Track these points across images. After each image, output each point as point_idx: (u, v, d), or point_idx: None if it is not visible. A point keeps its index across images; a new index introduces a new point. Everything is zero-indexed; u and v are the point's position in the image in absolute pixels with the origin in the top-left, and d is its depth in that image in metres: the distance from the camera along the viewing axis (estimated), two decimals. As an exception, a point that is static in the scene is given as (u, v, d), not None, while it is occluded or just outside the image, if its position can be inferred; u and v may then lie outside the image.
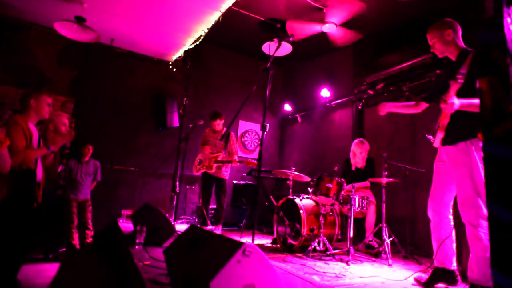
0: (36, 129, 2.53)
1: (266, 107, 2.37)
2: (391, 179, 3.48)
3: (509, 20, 0.76)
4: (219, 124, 4.63)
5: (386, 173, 3.55)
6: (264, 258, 1.53)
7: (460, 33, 2.37)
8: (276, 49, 2.46)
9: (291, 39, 2.46)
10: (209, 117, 4.62)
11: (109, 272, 2.97)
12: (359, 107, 4.98)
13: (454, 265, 2.36)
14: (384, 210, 3.47)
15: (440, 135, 2.38)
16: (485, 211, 2.05)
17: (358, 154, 4.11)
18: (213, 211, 4.88)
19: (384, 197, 3.50)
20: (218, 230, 4.34)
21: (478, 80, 0.79)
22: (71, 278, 3.38)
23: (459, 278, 2.34)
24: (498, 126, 0.71)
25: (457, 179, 2.25)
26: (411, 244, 3.68)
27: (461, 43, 2.36)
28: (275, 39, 2.45)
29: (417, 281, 2.47)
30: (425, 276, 2.43)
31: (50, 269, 3.53)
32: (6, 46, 4.59)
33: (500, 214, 0.70)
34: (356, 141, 4.17)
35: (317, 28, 4.07)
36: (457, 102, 2.08)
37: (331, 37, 4.19)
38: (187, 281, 1.63)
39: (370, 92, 4.71)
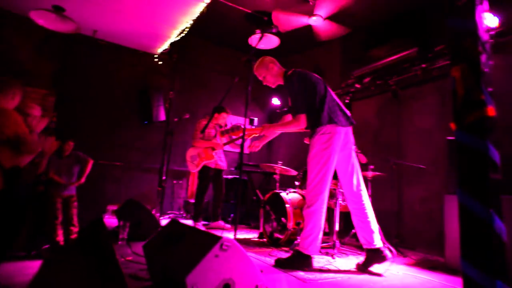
0: None
1: (248, 100, 2.34)
2: (377, 173, 3.50)
3: (481, 7, 0.74)
4: (224, 118, 4.60)
5: (372, 166, 3.56)
6: (242, 252, 1.51)
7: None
8: (259, 41, 2.44)
9: (274, 30, 2.43)
10: (216, 111, 4.52)
11: (91, 269, 2.92)
12: (346, 101, 4.98)
13: (375, 243, 2.50)
14: (370, 204, 3.48)
15: None
16: None
17: None
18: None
19: (370, 190, 3.51)
20: (220, 225, 4.35)
21: (451, 69, 0.77)
22: (52, 275, 3.31)
23: (385, 253, 2.48)
24: (470, 115, 0.69)
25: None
26: (397, 237, 3.71)
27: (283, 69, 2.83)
28: (257, 31, 2.41)
29: (357, 265, 2.59)
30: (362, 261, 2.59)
31: (32, 267, 3.44)
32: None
33: (471, 206, 0.69)
34: None
35: (303, 20, 4.01)
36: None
37: (317, 31, 4.15)
38: (165, 276, 1.60)
39: (357, 86, 4.71)
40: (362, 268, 2.54)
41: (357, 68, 4.69)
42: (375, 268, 2.55)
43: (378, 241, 2.52)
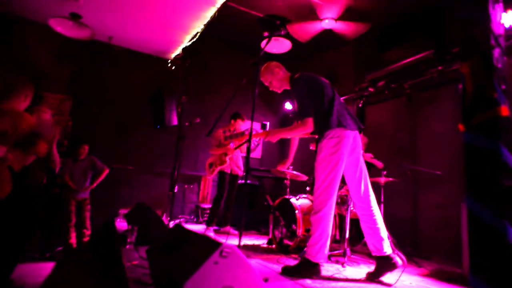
0: None
1: (254, 102, 2.31)
2: (390, 178, 3.38)
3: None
4: (240, 124, 4.63)
5: (385, 172, 3.44)
6: (243, 259, 1.46)
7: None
8: (266, 43, 2.41)
9: (282, 32, 2.39)
10: (232, 117, 4.63)
11: (99, 272, 2.93)
12: (360, 105, 4.88)
13: (385, 250, 2.42)
14: (382, 211, 3.37)
15: None
16: None
17: None
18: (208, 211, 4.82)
19: (382, 197, 3.39)
20: (227, 231, 4.34)
21: (459, 65, 0.70)
22: (63, 277, 3.34)
23: (395, 261, 2.39)
24: (480, 114, 0.63)
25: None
26: (411, 246, 3.57)
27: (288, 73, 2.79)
28: (265, 33, 2.38)
29: (368, 274, 2.49)
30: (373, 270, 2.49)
31: (46, 268, 3.48)
32: (2, 42, 4.58)
33: (481, 215, 0.62)
34: None
35: (317, 26, 3.96)
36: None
37: (338, 31, 4.04)
38: (166, 282, 1.56)
39: (371, 89, 4.60)
40: (373, 278, 2.44)
41: (371, 71, 4.59)
42: (386, 278, 2.44)
43: (387, 248, 2.43)
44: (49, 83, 4.80)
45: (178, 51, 5.22)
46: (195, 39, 4.59)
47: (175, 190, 4.42)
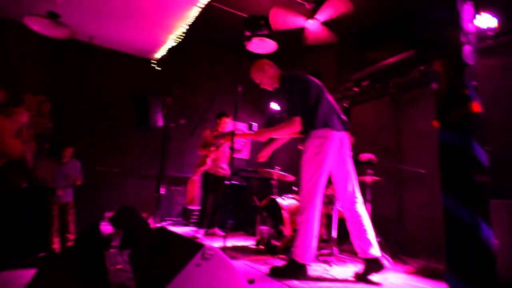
0: None
1: (238, 102, 2.30)
2: (376, 178, 3.41)
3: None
4: (225, 123, 4.57)
5: (371, 171, 3.47)
6: (226, 261, 1.44)
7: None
8: (248, 42, 2.38)
9: (264, 32, 2.39)
10: (216, 117, 4.57)
11: (82, 277, 2.85)
12: (346, 105, 4.91)
13: (372, 252, 2.41)
14: (370, 210, 3.39)
15: None
16: None
17: None
18: (197, 213, 4.77)
19: (369, 196, 3.42)
20: (215, 232, 4.29)
21: (434, 63, 0.71)
22: (45, 284, 3.25)
23: (383, 262, 2.39)
24: (453, 112, 0.63)
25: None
26: (397, 244, 3.61)
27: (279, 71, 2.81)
28: (247, 33, 2.38)
29: (355, 275, 2.49)
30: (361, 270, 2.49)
31: (27, 276, 3.39)
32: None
33: (455, 211, 0.62)
34: None
35: (300, 21, 3.95)
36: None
37: (308, 34, 4.08)
38: (148, 286, 1.53)
39: (356, 89, 4.64)
40: (360, 278, 2.44)
41: (354, 71, 4.63)
42: (373, 277, 2.45)
43: (375, 251, 2.43)
44: (27, 84, 4.66)
45: (162, 51, 5.16)
46: (179, 39, 4.54)
47: (162, 192, 4.37)
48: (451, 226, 0.63)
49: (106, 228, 4.31)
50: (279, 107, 6.38)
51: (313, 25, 4.18)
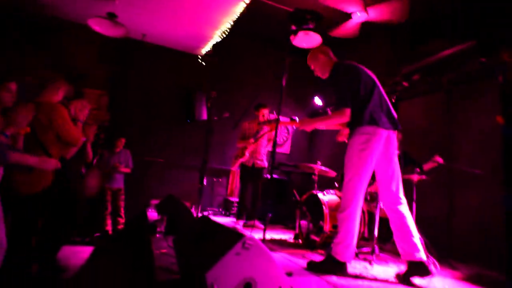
0: None
1: (282, 96, 2.30)
2: (423, 176, 3.23)
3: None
4: (264, 114, 4.57)
5: (418, 169, 3.30)
6: (265, 252, 1.47)
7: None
8: (295, 36, 2.36)
9: (310, 26, 2.35)
10: (254, 109, 4.61)
11: (131, 258, 3.09)
12: (393, 100, 4.68)
13: (417, 255, 2.28)
14: (414, 209, 3.24)
15: None
16: None
17: None
18: (236, 204, 4.88)
19: (415, 195, 3.26)
20: (255, 224, 4.36)
21: (501, 54, 0.65)
22: (100, 261, 3.57)
23: (430, 268, 2.27)
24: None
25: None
26: (445, 248, 3.40)
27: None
28: (293, 27, 2.36)
29: (397, 275, 2.39)
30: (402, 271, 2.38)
31: (85, 251, 3.77)
32: (45, 45, 4.91)
33: None
34: None
35: (350, 8, 3.82)
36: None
37: (375, 20, 3.90)
38: (190, 271, 1.62)
39: (405, 84, 4.39)
40: (402, 279, 2.35)
41: (404, 64, 4.38)
42: (416, 280, 2.35)
43: (420, 254, 2.30)
44: (88, 80, 5.09)
45: (208, 47, 5.31)
46: (224, 35, 4.63)
47: (204, 183, 4.54)
48: None
49: (152, 214, 4.61)
50: (321, 102, 6.27)
51: (358, 18, 4.03)
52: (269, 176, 5.72)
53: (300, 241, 3.65)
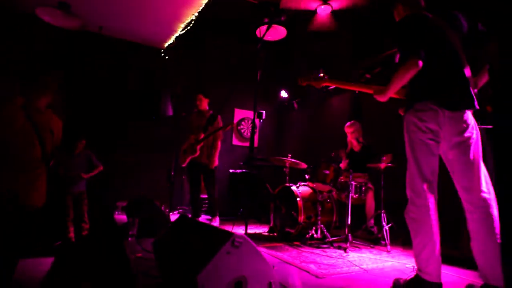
0: None
1: (256, 92, 2.27)
2: (389, 164, 3.40)
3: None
4: (201, 100, 4.32)
5: (384, 158, 3.46)
6: (255, 248, 1.45)
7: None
8: (266, 31, 2.33)
9: (282, 18, 2.33)
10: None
11: (102, 266, 2.90)
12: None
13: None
14: (382, 196, 3.40)
15: None
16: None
17: (349, 134, 4.09)
18: (207, 201, 4.80)
19: (382, 182, 3.42)
20: (216, 223, 4.22)
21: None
22: (64, 271, 3.32)
23: None
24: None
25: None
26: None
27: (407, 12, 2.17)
28: (265, 19, 2.33)
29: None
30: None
31: (45, 263, 3.47)
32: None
33: None
34: (348, 123, 4.16)
35: (312, 4, 3.88)
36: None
37: (316, 19, 4.00)
38: (176, 274, 1.56)
39: (367, 75, 4.58)
40: None
41: (368, 57, 4.56)
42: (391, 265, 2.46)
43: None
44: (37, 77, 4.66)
45: (171, 40, 5.10)
46: (189, 27, 4.48)
47: (173, 181, 4.40)
48: (509, 219, 0.62)
49: (119, 217, 4.39)
50: (287, 95, 6.34)
51: (323, 11, 4.12)
52: (239, 171, 5.70)
53: (275, 234, 3.69)
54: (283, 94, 6.35)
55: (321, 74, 2.28)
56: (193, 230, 1.70)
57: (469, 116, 1.87)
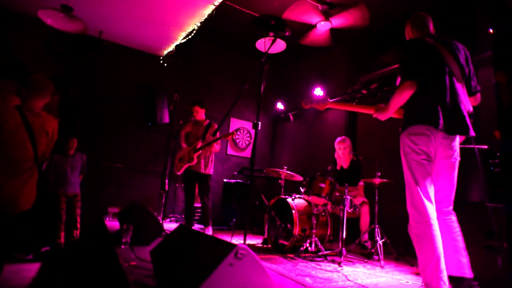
0: None
1: (260, 105, 2.30)
2: (384, 180, 3.45)
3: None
4: (197, 112, 4.35)
5: (379, 173, 3.51)
6: (257, 261, 1.45)
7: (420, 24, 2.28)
8: (271, 45, 2.37)
9: (287, 33, 2.38)
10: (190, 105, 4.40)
11: (93, 273, 2.84)
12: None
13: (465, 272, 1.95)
14: (376, 211, 3.44)
15: None
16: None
17: (340, 151, 4.09)
18: (199, 210, 4.76)
19: (377, 197, 3.46)
20: (209, 231, 4.18)
21: (495, 75, 0.72)
22: (51, 279, 3.22)
23: None
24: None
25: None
26: (403, 245, 3.65)
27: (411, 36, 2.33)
28: (271, 33, 2.37)
29: None
30: None
31: (30, 270, 3.37)
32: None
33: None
34: (338, 138, 4.15)
35: (313, 18, 3.96)
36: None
37: (312, 34, 4.10)
38: (175, 285, 1.54)
39: (364, 91, 4.67)
40: None
41: (363, 73, 4.65)
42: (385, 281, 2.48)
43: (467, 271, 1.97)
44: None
45: (171, 48, 5.14)
46: (190, 36, 4.52)
47: (166, 189, 4.35)
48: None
49: (110, 223, 4.31)
50: (283, 106, 6.40)
51: (323, 27, 4.22)
52: (233, 181, 5.69)
53: (269, 245, 3.67)
54: (279, 105, 6.42)
55: (324, 97, 2.36)
56: (193, 240, 1.69)
57: (457, 140, 2.06)
